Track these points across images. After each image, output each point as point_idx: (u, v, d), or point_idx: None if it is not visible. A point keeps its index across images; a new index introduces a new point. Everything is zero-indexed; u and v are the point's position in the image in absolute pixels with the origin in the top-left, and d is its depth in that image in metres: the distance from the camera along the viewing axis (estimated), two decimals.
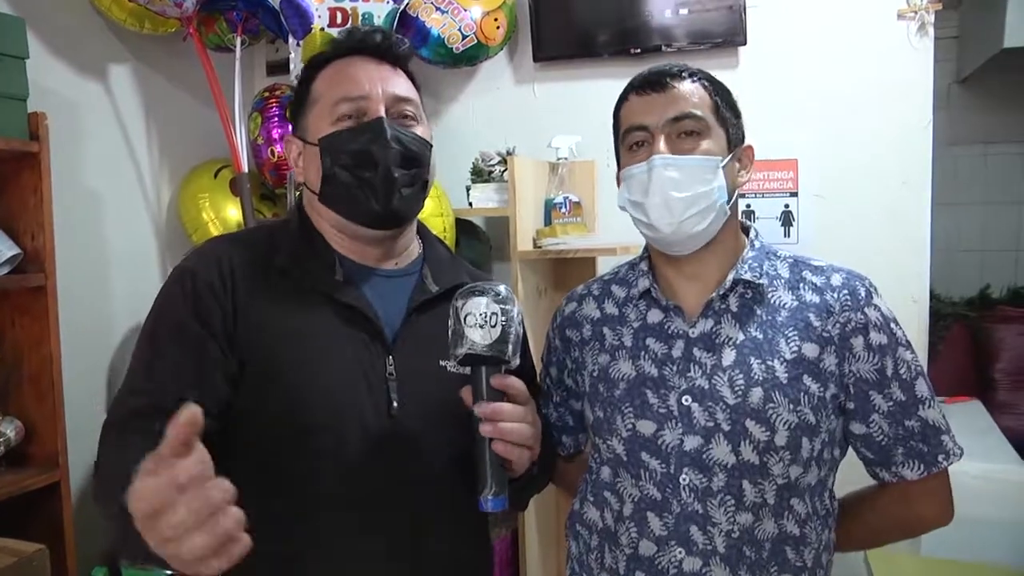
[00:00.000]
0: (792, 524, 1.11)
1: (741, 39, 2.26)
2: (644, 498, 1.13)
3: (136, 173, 2.30)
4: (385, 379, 1.08)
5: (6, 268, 1.75)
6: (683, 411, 1.11)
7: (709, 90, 1.14)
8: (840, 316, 1.11)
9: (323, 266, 1.12)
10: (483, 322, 0.98)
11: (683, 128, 1.11)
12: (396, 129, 1.11)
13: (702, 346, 1.13)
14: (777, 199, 2.29)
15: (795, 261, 1.19)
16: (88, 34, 2.14)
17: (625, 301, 1.24)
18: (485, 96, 2.60)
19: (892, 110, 2.17)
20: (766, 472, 1.09)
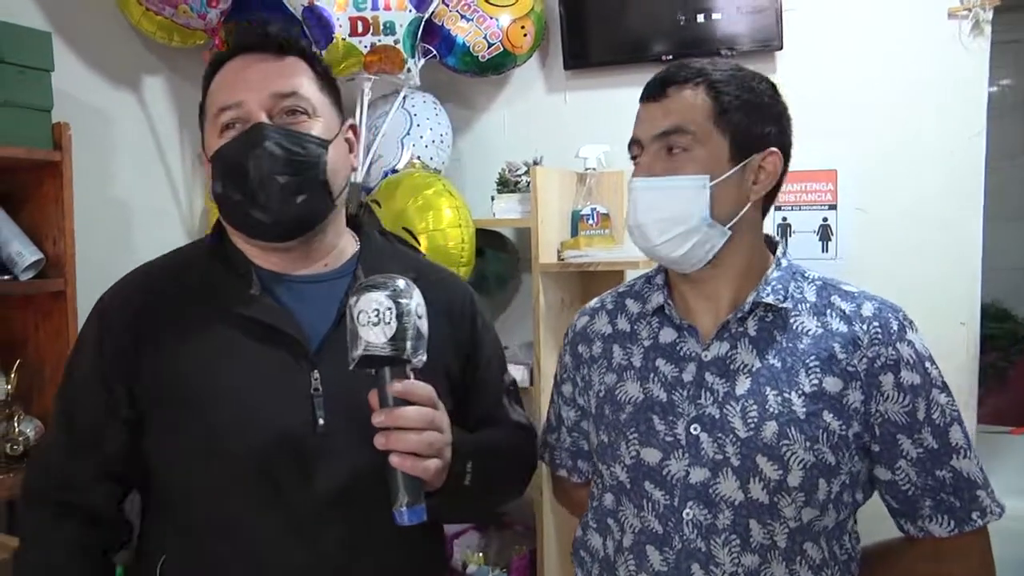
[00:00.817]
0: (805, 570, 1.02)
1: (778, 44, 2.16)
2: (645, 530, 1.06)
3: (168, 181, 2.35)
4: (310, 396, 1.03)
5: (30, 272, 1.81)
6: (691, 441, 1.03)
7: (712, 94, 1.03)
8: (868, 350, 1.01)
9: (237, 282, 1.07)
10: (377, 319, 0.90)
11: (670, 143, 1.04)
12: (274, 133, 1.03)
13: (715, 371, 1.05)
14: (815, 212, 2.17)
15: (824, 284, 1.09)
16: (120, 46, 2.20)
17: (639, 317, 1.16)
18: (516, 105, 2.58)
19: (941, 117, 2.04)
20: (776, 513, 1.00)
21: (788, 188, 2.19)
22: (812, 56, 2.17)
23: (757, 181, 1.06)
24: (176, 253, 1.18)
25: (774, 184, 1.08)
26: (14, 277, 1.80)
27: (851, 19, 2.12)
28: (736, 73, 1.06)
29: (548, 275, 2.22)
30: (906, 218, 2.08)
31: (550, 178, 2.22)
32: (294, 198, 1.03)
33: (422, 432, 0.93)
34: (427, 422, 0.94)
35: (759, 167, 1.05)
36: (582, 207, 2.28)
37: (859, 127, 2.11)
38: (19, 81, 1.73)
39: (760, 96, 1.06)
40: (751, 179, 1.05)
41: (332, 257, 1.13)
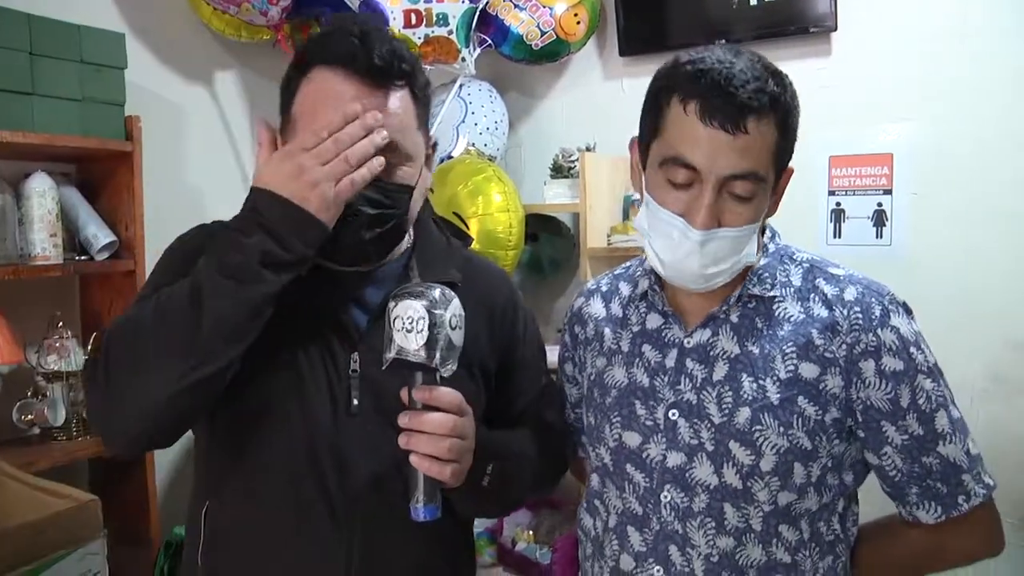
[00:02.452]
0: (782, 551, 1.03)
1: (832, 24, 2.10)
2: (627, 511, 1.10)
3: (240, 171, 2.50)
4: (348, 377, 1.07)
5: (105, 253, 1.98)
6: (669, 425, 1.05)
7: (780, 126, 0.97)
8: (848, 336, 1.00)
9: None
10: (409, 327, 0.93)
11: (738, 190, 0.96)
12: (366, 193, 1.00)
13: (695, 357, 1.06)
14: (869, 197, 2.11)
15: (811, 266, 1.07)
16: (192, 43, 2.35)
17: (629, 301, 1.17)
18: (573, 92, 2.60)
19: (1006, 97, 1.93)
20: (750, 497, 1.02)
21: (842, 172, 2.14)
22: (867, 37, 2.10)
23: (776, 201, 1.05)
24: None
25: None
26: (90, 257, 1.97)
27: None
28: (791, 89, 0.99)
29: (597, 259, 2.24)
30: (968, 208, 1.98)
31: (600, 164, 2.24)
32: (373, 243, 1.05)
33: (443, 438, 0.95)
34: (448, 429, 0.96)
35: (780, 187, 1.04)
36: (634, 192, 2.28)
37: (916, 109, 2.04)
38: (96, 79, 1.89)
39: (799, 111, 1.00)
40: (773, 203, 1.04)
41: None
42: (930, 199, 2.03)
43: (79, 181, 2.06)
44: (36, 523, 1.41)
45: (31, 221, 1.83)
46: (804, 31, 2.14)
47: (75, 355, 1.94)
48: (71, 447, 1.91)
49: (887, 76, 2.06)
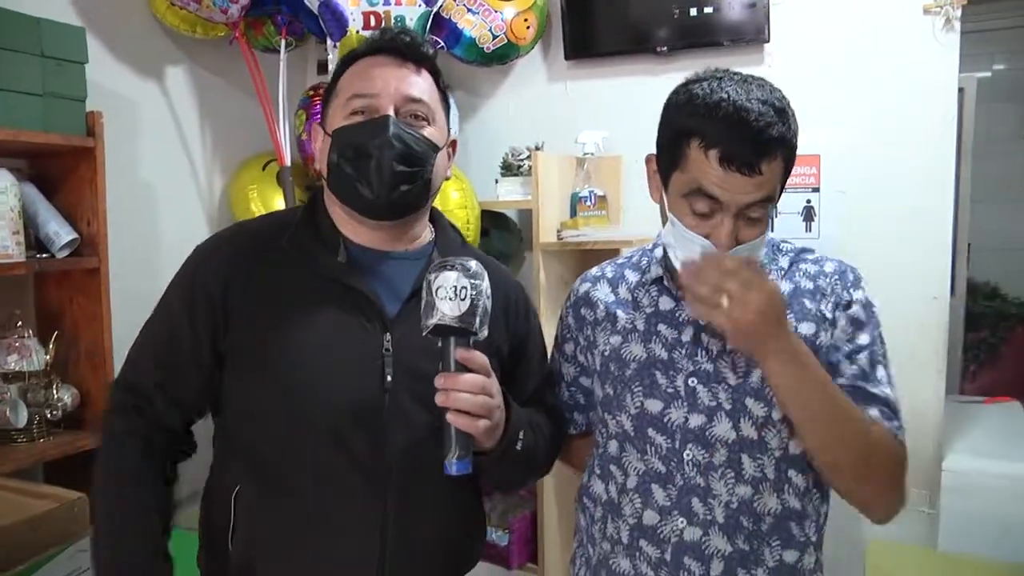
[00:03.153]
0: (793, 499, 1.19)
1: (765, 36, 2.28)
2: (649, 471, 1.22)
3: (190, 166, 2.49)
4: (381, 355, 1.16)
5: (66, 251, 1.95)
6: (689, 391, 1.20)
7: (784, 158, 1.12)
8: (831, 297, 1.21)
9: (325, 250, 1.19)
10: (453, 295, 1.03)
11: (753, 213, 1.11)
12: (400, 127, 1.16)
13: (710, 332, 1.20)
14: (799, 194, 2.30)
15: (795, 253, 1.28)
16: (147, 39, 2.33)
17: (638, 286, 1.31)
18: (519, 93, 2.70)
19: (916, 107, 2.16)
20: (764, 447, 1.17)
21: None
22: (797, 48, 2.29)
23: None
24: (271, 216, 1.31)
25: None
26: (51, 255, 1.94)
27: (833, 14, 2.24)
28: (794, 122, 1.12)
29: (548, 253, 2.35)
30: (883, 200, 2.20)
31: (550, 162, 2.35)
32: (399, 186, 1.16)
33: (476, 395, 1.06)
34: (480, 387, 1.07)
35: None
36: (580, 190, 2.41)
37: (840, 115, 2.24)
38: (57, 73, 1.87)
39: (798, 134, 1.15)
40: None
41: (415, 242, 1.28)
42: (853, 196, 2.24)
43: (32, 177, 2.02)
44: (30, 520, 1.42)
45: None
46: (739, 42, 2.32)
47: (36, 355, 1.91)
48: (34, 449, 1.88)
49: (814, 85, 2.26)
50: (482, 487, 1.34)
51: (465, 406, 1.06)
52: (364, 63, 1.22)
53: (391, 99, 1.18)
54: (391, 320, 1.18)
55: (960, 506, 2.04)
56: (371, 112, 1.18)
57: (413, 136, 1.17)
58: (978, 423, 2.43)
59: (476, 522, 1.33)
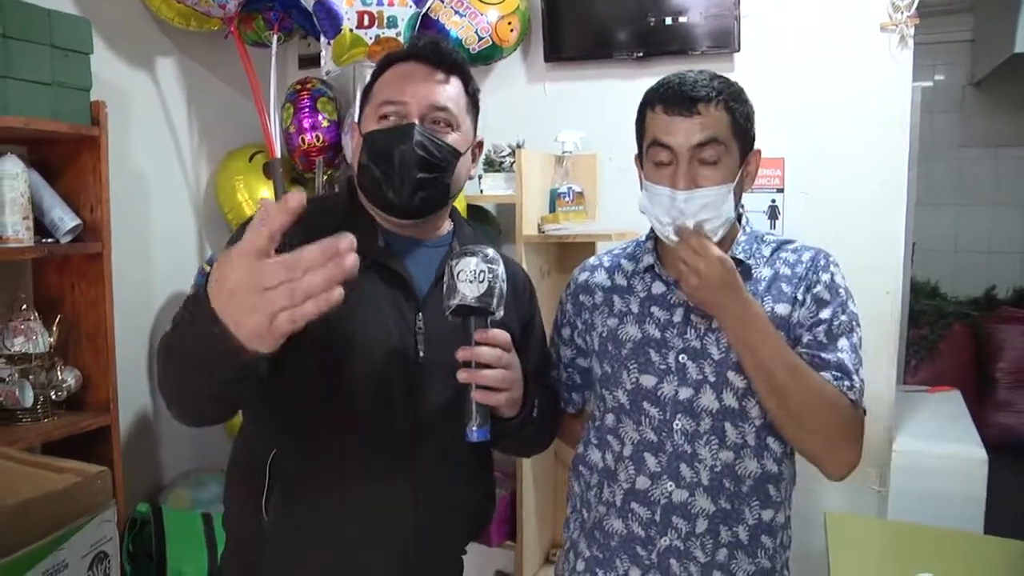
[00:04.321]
0: (771, 463, 1.33)
1: (736, 46, 2.44)
2: (643, 440, 1.36)
3: (178, 156, 2.55)
4: (415, 332, 1.27)
5: (69, 237, 2.00)
6: (679, 367, 1.33)
7: (728, 109, 1.28)
8: (805, 280, 1.33)
9: (367, 234, 1.26)
10: (473, 278, 1.14)
11: (704, 155, 1.26)
12: (424, 135, 1.24)
13: (698, 312, 1.34)
14: (765, 194, 2.47)
15: (777, 244, 1.41)
16: (140, 31, 2.38)
17: (633, 274, 1.44)
18: (500, 93, 2.80)
19: (873, 115, 2.33)
20: (745, 415, 1.31)
21: None
22: (765, 58, 2.45)
23: (747, 175, 1.35)
24: (319, 200, 1.37)
25: None
26: (55, 241, 1.99)
27: (798, 27, 2.41)
28: (735, 86, 1.32)
29: (530, 246, 2.47)
30: (842, 201, 2.38)
31: (532, 159, 2.47)
32: (421, 191, 1.26)
33: (495, 370, 1.18)
34: (498, 360, 1.18)
35: (748, 163, 1.33)
36: (559, 186, 2.54)
37: (804, 121, 2.41)
38: (64, 64, 1.92)
39: (750, 106, 1.33)
40: (744, 175, 1.33)
41: (436, 233, 1.39)
42: (814, 196, 2.41)
43: (35, 163, 2.06)
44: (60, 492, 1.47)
45: (3, 204, 1.85)
46: (710, 51, 2.47)
47: (41, 337, 1.96)
48: (40, 428, 1.93)
49: (780, 92, 2.42)
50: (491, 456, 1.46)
51: (485, 380, 1.17)
52: (397, 70, 1.31)
53: (417, 107, 1.27)
54: (422, 300, 1.29)
55: (908, 484, 2.24)
56: (399, 118, 1.27)
57: (435, 143, 1.26)
58: (923, 410, 2.64)
59: (491, 486, 1.45)
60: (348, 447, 1.25)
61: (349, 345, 1.24)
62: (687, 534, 1.31)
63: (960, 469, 2.24)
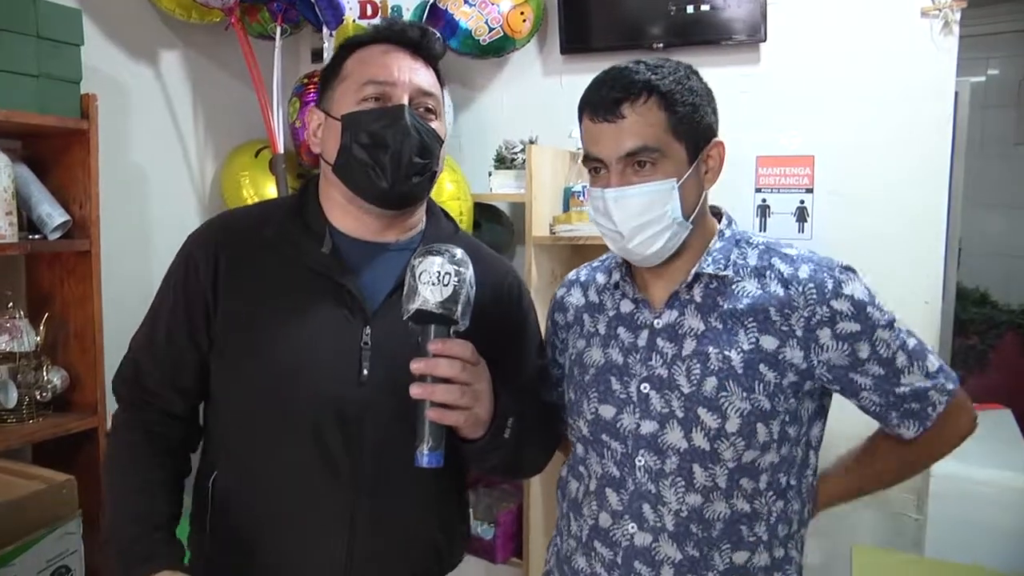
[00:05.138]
0: (742, 502, 1.16)
1: (762, 36, 2.29)
2: (605, 475, 1.21)
3: (182, 151, 2.49)
4: (359, 348, 1.15)
5: (57, 233, 1.94)
6: (641, 398, 1.17)
7: (664, 106, 1.10)
8: (804, 311, 1.12)
9: (311, 240, 1.18)
10: (436, 280, 1.01)
11: (636, 160, 1.11)
12: (415, 119, 1.15)
13: (665, 336, 1.18)
14: (792, 195, 2.31)
15: (767, 248, 1.20)
16: (141, 22, 2.33)
17: (604, 289, 1.29)
18: (514, 86, 2.70)
19: (912, 110, 2.16)
20: (717, 458, 1.14)
21: (768, 172, 2.34)
22: (794, 48, 2.29)
23: (709, 170, 1.17)
24: (259, 206, 1.31)
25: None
26: (43, 237, 1.94)
27: (831, 14, 2.24)
28: (675, 75, 1.12)
29: (540, 247, 2.36)
30: (877, 202, 2.21)
31: (544, 156, 2.36)
32: (412, 177, 1.16)
33: (454, 387, 1.04)
34: (457, 374, 1.03)
35: (708, 157, 1.16)
36: (574, 184, 2.41)
37: (836, 116, 2.24)
38: (52, 55, 1.86)
39: (699, 94, 1.14)
40: (703, 170, 1.16)
41: (407, 231, 1.26)
42: (846, 197, 2.25)
43: (25, 158, 2.01)
44: (16, 502, 1.41)
45: None
46: (735, 40, 2.32)
47: (27, 336, 1.90)
48: (24, 430, 1.88)
49: (810, 85, 2.27)
50: (465, 478, 1.33)
51: (441, 397, 1.03)
52: (375, 49, 1.20)
53: (406, 89, 1.17)
54: (372, 313, 1.17)
55: (948, 512, 2.05)
56: (385, 100, 1.16)
57: (425, 128, 1.17)
58: None
59: (456, 523, 1.31)
60: (280, 477, 1.16)
61: (282, 368, 1.15)
62: None
63: (1006, 498, 2.04)
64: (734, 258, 1.18)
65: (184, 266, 1.21)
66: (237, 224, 1.24)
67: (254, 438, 1.17)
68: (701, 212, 1.18)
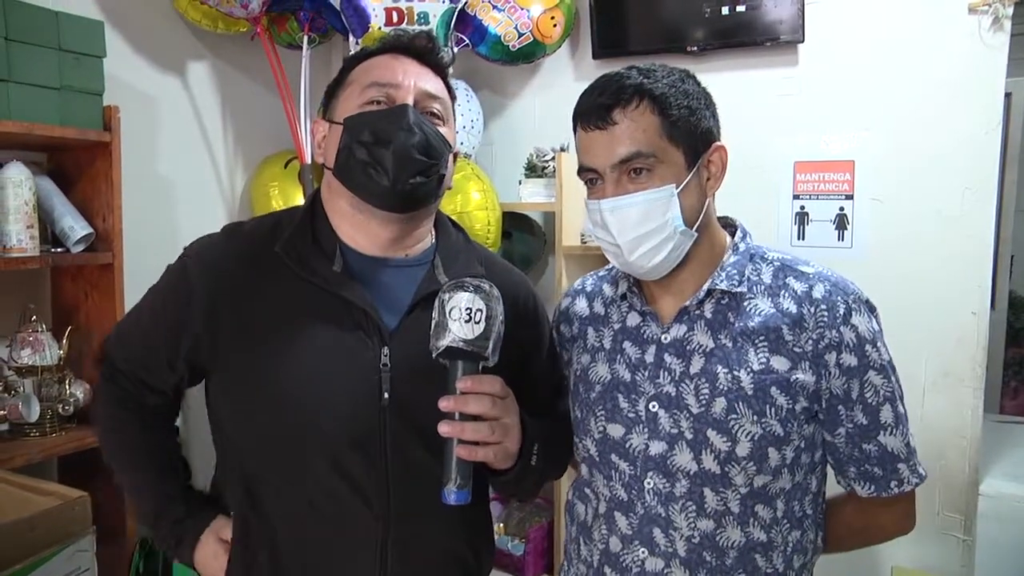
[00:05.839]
0: (758, 530, 1.10)
1: (800, 36, 2.20)
2: (613, 498, 1.16)
3: (211, 162, 2.48)
4: (379, 370, 1.09)
5: (81, 246, 1.93)
6: (650, 417, 1.12)
7: (658, 110, 1.06)
8: (814, 332, 1.08)
9: (321, 256, 1.13)
10: (467, 317, 0.98)
11: (631, 167, 1.06)
12: (419, 118, 1.11)
13: (673, 352, 1.12)
14: (832, 201, 2.22)
15: (782, 265, 1.14)
16: (168, 33, 2.32)
17: (611, 301, 1.24)
18: (546, 92, 2.65)
19: (958, 111, 2.06)
20: (728, 481, 1.08)
21: (806, 177, 2.25)
22: (833, 49, 2.20)
23: (711, 176, 1.11)
24: (265, 220, 1.22)
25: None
26: (66, 250, 1.93)
27: (871, 13, 2.15)
28: (669, 78, 1.08)
29: (571, 257, 2.30)
30: (921, 209, 2.11)
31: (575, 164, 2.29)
32: (416, 177, 1.09)
33: (485, 423, 1.01)
34: (486, 411, 1.01)
35: (709, 162, 1.10)
36: None
37: (877, 120, 2.15)
38: (74, 67, 1.86)
39: (695, 97, 1.09)
40: (705, 176, 1.10)
41: (416, 247, 1.20)
42: (888, 204, 2.15)
43: (50, 171, 2.01)
44: (28, 520, 1.39)
45: (6, 212, 1.77)
46: (773, 42, 2.24)
47: (49, 349, 1.90)
48: (46, 443, 1.87)
49: (850, 87, 2.17)
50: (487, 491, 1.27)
51: (471, 436, 1.00)
52: (382, 57, 1.17)
53: (411, 91, 1.13)
54: (390, 334, 1.11)
55: (998, 533, 1.95)
56: (389, 102, 1.12)
57: (431, 129, 1.12)
58: (1019, 444, 2.32)
59: (483, 538, 1.26)
60: (305, 510, 1.10)
61: (299, 397, 1.09)
62: None
63: None
64: (748, 274, 1.13)
65: (176, 292, 1.15)
66: (244, 240, 1.18)
67: (275, 474, 1.12)
68: (706, 221, 1.12)
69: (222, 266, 1.14)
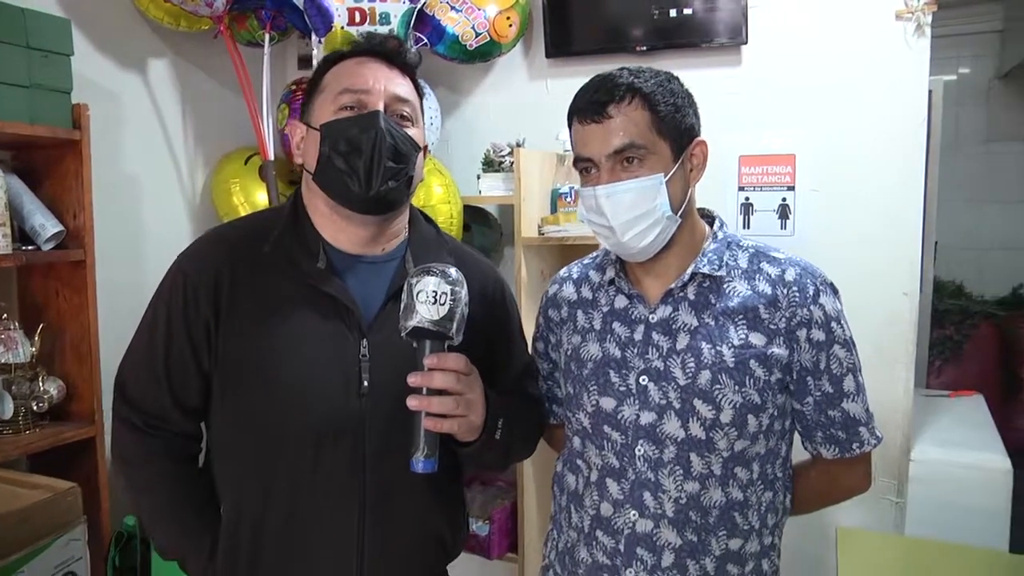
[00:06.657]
0: (737, 490, 1.22)
1: (743, 38, 2.34)
2: (605, 466, 1.26)
3: (172, 159, 2.49)
4: (358, 361, 1.19)
5: (51, 243, 1.95)
6: (640, 389, 1.23)
7: (648, 106, 1.18)
8: (787, 311, 1.21)
9: (307, 254, 1.21)
10: (433, 299, 1.07)
11: (624, 157, 1.18)
12: (389, 124, 1.18)
13: (660, 331, 1.24)
14: (775, 192, 2.37)
15: (756, 252, 1.27)
16: (130, 31, 2.33)
17: (599, 286, 1.34)
18: (500, 90, 2.73)
19: (888, 109, 2.22)
20: (712, 446, 1.20)
21: (751, 171, 2.39)
22: (774, 50, 2.35)
23: (693, 168, 1.24)
24: (254, 218, 1.31)
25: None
26: (37, 247, 1.94)
27: (809, 17, 2.30)
28: (657, 79, 1.21)
29: (530, 248, 2.39)
30: (856, 199, 2.27)
31: (532, 159, 2.39)
32: (388, 181, 1.18)
33: (450, 397, 1.10)
34: (452, 385, 1.10)
35: (692, 155, 1.23)
36: (561, 186, 2.45)
37: (815, 116, 2.30)
38: (42, 65, 1.87)
39: (680, 96, 1.22)
40: (688, 168, 1.23)
41: (391, 241, 1.29)
42: (826, 194, 2.31)
43: (15, 169, 2.01)
44: (23, 511, 1.42)
45: None
46: (717, 43, 2.37)
47: (22, 347, 1.91)
48: (20, 441, 1.88)
49: (790, 86, 2.32)
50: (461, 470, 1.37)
51: (437, 408, 1.09)
52: (352, 62, 1.25)
53: (381, 96, 1.20)
54: (368, 326, 1.21)
55: (927, 495, 2.13)
56: (361, 108, 1.20)
57: (400, 133, 1.20)
58: (944, 415, 2.52)
59: (458, 515, 1.36)
60: (287, 492, 1.19)
61: (287, 385, 1.18)
62: (653, 567, 1.22)
63: (982, 479, 2.13)
64: (726, 259, 1.25)
65: (183, 289, 1.20)
66: (234, 242, 1.25)
67: (261, 457, 1.19)
68: (689, 208, 1.25)
69: (216, 266, 1.21)
